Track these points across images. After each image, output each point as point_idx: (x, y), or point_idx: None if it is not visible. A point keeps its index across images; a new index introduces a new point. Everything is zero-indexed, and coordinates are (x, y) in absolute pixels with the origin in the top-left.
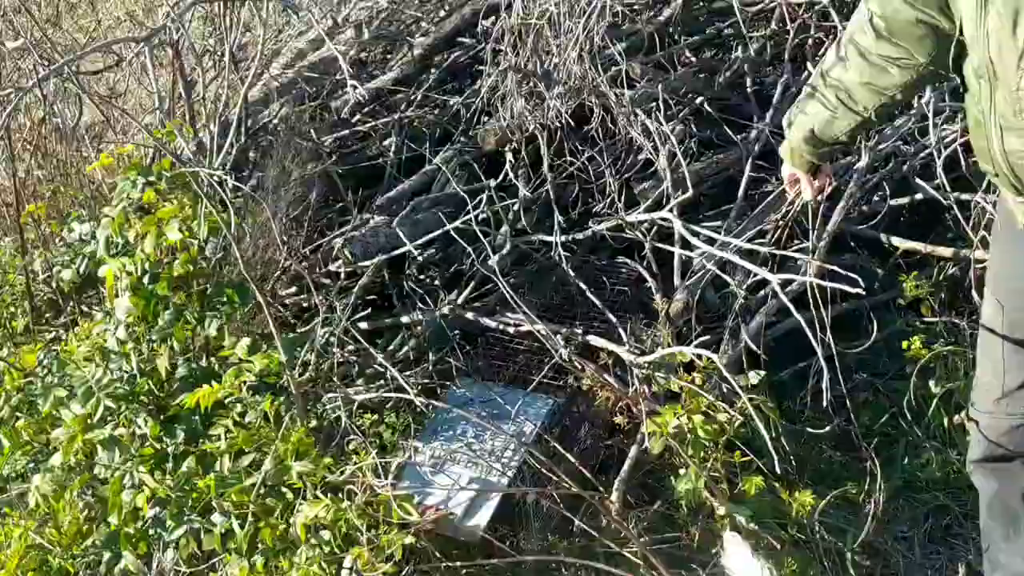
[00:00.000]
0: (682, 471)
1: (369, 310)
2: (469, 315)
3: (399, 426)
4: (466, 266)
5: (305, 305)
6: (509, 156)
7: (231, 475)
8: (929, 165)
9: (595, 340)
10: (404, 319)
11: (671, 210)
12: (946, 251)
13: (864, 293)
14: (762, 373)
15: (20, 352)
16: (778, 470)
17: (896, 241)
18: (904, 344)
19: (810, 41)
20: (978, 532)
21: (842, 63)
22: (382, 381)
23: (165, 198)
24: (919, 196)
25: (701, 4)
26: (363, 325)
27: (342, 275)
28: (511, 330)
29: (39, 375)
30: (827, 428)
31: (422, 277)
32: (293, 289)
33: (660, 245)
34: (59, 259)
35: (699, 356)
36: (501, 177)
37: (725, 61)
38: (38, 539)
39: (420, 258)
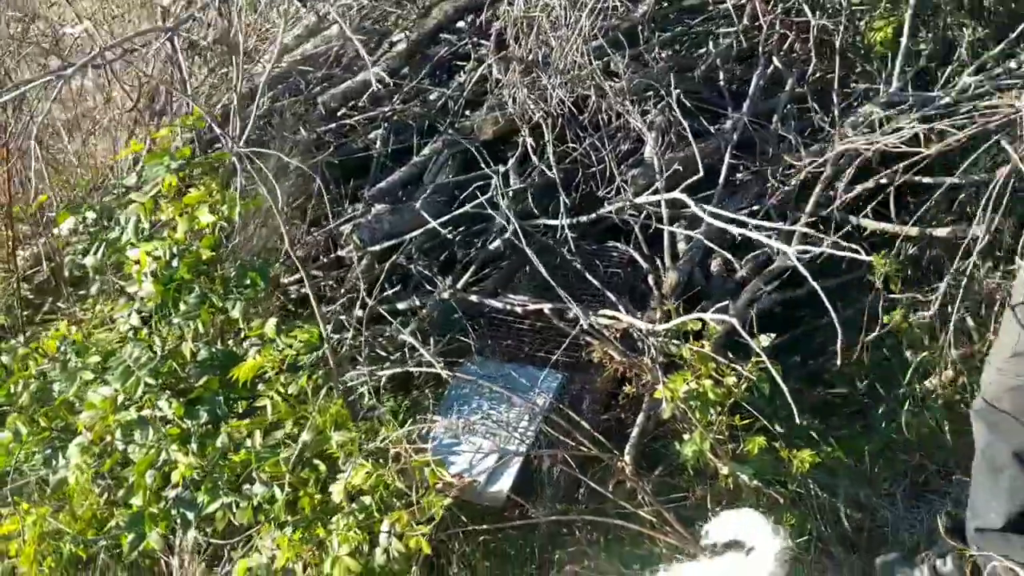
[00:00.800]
0: (686, 436)
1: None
2: (473, 298)
3: (399, 407)
4: (461, 251)
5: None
6: (530, 141)
7: (264, 449)
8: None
9: (612, 313)
10: (401, 305)
11: (682, 190)
12: (912, 231)
13: (865, 260)
14: (772, 335)
15: (41, 339)
16: (798, 420)
17: (864, 222)
18: (886, 318)
19: (775, 37)
20: (952, 486)
21: None
22: (388, 363)
23: (190, 184)
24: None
25: (671, 2)
26: (359, 313)
27: (355, 260)
28: (519, 309)
29: (59, 359)
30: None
31: (411, 266)
32: (296, 277)
33: (665, 227)
34: (76, 247)
35: (704, 325)
36: (511, 162)
37: (696, 57)
38: (53, 524)
39: (416, 244)
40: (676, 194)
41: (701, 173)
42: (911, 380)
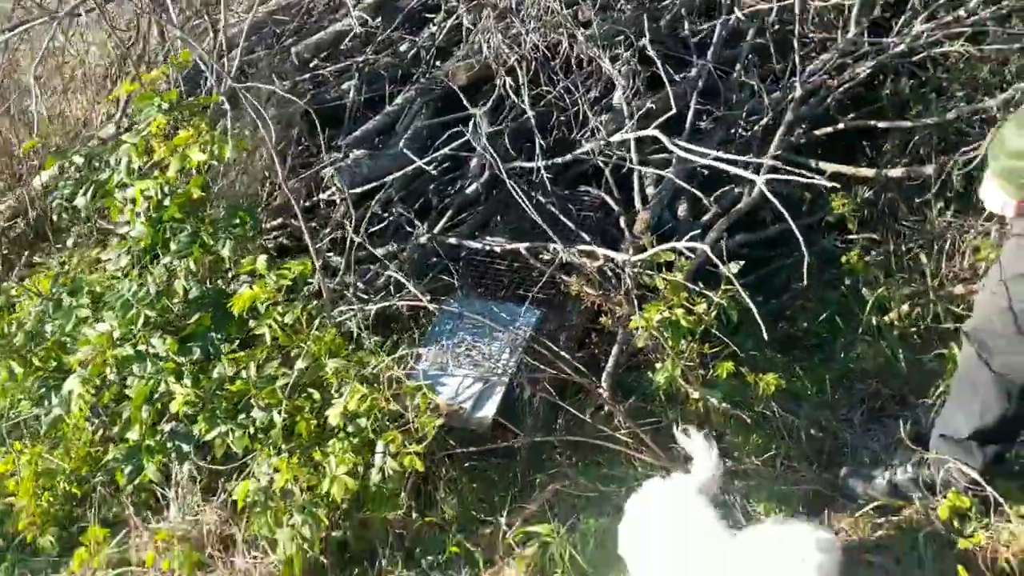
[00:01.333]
0: (658, 365)
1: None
2: (452, 240)
3: (377, 348)
4: (436, 198)
5: (286, 243)
6: (508, 80)
7: (260, 379)
8: (840, 101)
9: (590, 248)
10: (379, 251)
11: (656, 127)
12: (868, 172)
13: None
14: (741, 263)
15: (34, 279)
16: (765, 336)
17: (824, 165)
18: (844, 258)
19: None
20: (907, 409)
21: None
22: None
23: (177, 127)
24: (840, 126)
25: None
26: (337, 259)
27: (338, 202)
28: (497, 249)
29: (52, 299)
30: None
31: (385, 213)
32: (278, 221)
33: (636, 167)
34: (62, 189)
35: (677, 257)
36: (489, 102)
37: (661, 7)
38: (49, 463)
39: (394, 189)
40: (651, 131)
41: (674, 110)
42: (869, 313)
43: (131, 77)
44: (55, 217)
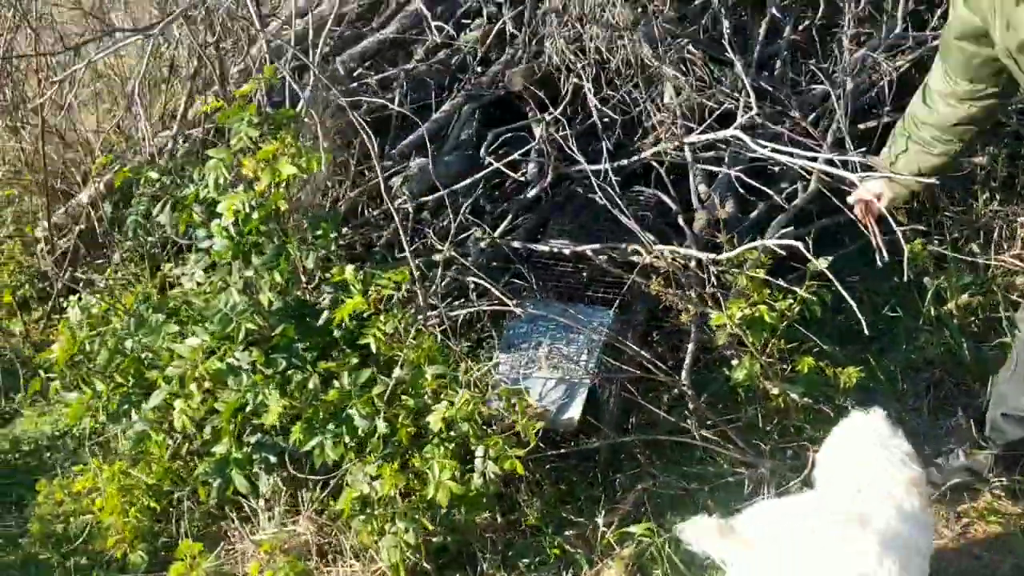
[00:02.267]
0: (734, 362)
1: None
2: (516, 244)
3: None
4: (489, 204)
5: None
6: (587, 84)
7: (356, 388)
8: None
9: (672, 248)
10: (436, 256)
11: (738, 127)
12: None
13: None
14: (829, 258)
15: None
16: (866, 330)
17: (871, 159)
18: (908, 247)
19: None
20: (972, 397)
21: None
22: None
23: (263, 140)
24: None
25: None
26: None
27: (410, 210)
28: (567, 252)
29: (134, 315)
30: None
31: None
32: (345, 231)
33: (699, 166)
34: (136, 206)
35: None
36: (559, 108)
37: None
38: (130, 479)
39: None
40: (733, 131)
41: (755, 109)
42: (929, 303)
43: (213, 92)
44: (130, 233)
